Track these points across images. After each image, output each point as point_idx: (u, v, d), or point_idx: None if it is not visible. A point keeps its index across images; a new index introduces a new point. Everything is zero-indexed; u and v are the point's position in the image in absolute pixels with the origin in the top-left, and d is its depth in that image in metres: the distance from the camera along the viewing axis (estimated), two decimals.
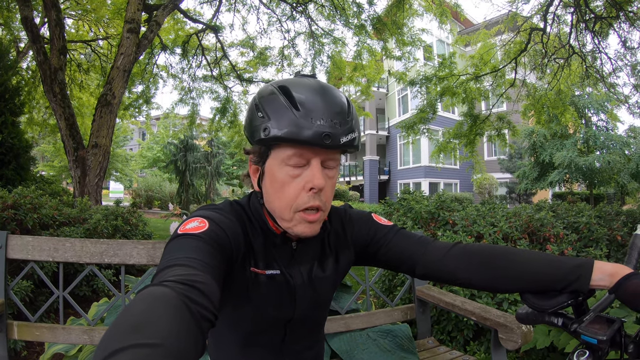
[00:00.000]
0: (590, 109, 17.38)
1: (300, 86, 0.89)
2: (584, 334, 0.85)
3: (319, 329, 1.17)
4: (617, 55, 7.62)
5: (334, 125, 0.85)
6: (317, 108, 0.86)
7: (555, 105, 8.87)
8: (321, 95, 0.88)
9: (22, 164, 6.75)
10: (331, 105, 0.87)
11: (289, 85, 0.89)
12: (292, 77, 0.97)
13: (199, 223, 0.85)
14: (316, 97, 0.87)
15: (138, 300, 0.56)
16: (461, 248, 1.02)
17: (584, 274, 0.85)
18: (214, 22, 10.40)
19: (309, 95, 0.87)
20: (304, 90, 0.88)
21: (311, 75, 0.97)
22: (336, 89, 0.95)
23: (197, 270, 0.69)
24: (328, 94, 0.89)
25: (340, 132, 0.86)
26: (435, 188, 25.04)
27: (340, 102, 0.90)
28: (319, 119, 0.84)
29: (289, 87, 0.88)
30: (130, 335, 0.48)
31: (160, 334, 0.49)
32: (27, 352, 2.87)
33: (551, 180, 17.91)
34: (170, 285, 0.61)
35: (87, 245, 1.88)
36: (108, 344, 0.46)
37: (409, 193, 4.27)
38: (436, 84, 9.40)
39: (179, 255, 0.73)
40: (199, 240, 0.79)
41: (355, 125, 0.91)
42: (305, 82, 0.92)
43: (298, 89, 0.88)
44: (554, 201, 5.56)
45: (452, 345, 2.78)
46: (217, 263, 0.77)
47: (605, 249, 3.07)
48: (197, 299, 0.61)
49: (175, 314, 0.55)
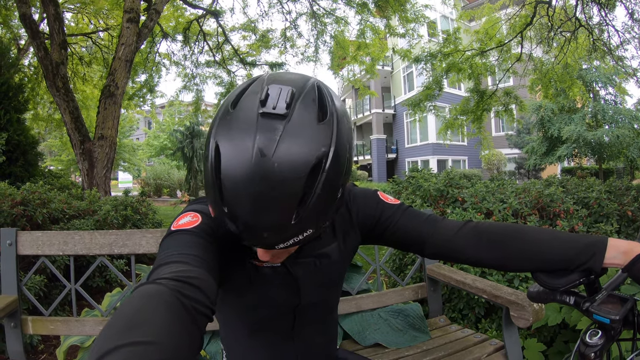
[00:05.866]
0: (598, 83, 17.08)
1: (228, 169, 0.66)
2: (596, 313, 0.84)
3: (331, 313, 1.16)
4: (625, 28, 7.44)
5: (265, 237, 0.70)
6: (243, 217, 0.68)
7: (563, 79, 8.74)
8: (248, 199, 0.66)
9: (30, 160, 6.78)
10: (262, 215, 0.67)
11: (222, 146, 0.67)
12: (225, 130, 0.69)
13: (192, 218, 0.84)
14: (241, 200, 0.66)
15: (132, 299, 0.56)
16: (471, 227, 1.00)
17: (597, 253, 0.83)
18: (214, 7, 10.30)
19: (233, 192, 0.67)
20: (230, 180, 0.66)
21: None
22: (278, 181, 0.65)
23: (191, 266, 0.69)
24: (259, 199, 0.65)
25: (276, 241, 0.71)
26: (443, 165, 24.95)
27: (276, 209, 0.67)
28: (246, 230, 0.69)
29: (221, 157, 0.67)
30: (124, 334, 0.48)
31: (154, 332, 0.49)
32: (44, 346, 2.92)
33: (560, 155, 17.75)
34: (164, 283, 0.61)
35: (96, 237, 1.89)
36: (102, 343, 0.47)
37: (417, 171, 4.25)
38: (441, 60, 9.29)
39: (173, 252, 0.73)
40: (192, 235, 0.79)
41: (312, 218, 0.70)
42: (240, 141, 0.66)
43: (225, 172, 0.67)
44: (563, 176, 5.51)
45: (464, 323, 2.79)
46: (212, 256, 0.77)
47: (616, 224, 3.04)
48: (191, 295, 0.61)
49: (169, 311, 0.55)
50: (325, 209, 0.72)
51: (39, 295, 2.83)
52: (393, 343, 2.06)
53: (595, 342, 0.83)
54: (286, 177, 0.64)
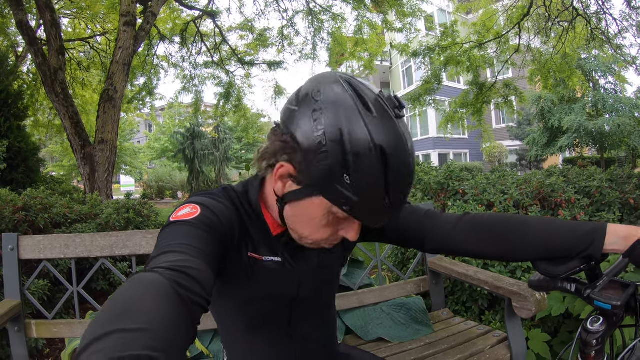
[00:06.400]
0: (597, 72, 17.01)
1: (398, 154, 0.73)
2: (597, 299, 0.83)
3: (328, 309, 1.15)
4: (623, 16, 7.42)
5: (402, 206, 0.79)
6: (402, 193, 0.76)
7: (562, 70, 8.72)
8: (408, 171, 0.76)
9: (31, 166, 6.80)
10: (409, 184, 0.77)
11: (387, 147, 0.72)
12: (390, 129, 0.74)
13: (191, 209, 0.83)
14: (406, 177, 0.75)
15: (127, 287, 0.56)
16: (470, 219, 0.99)
17: (596, 239, 0.83)
18: (210, 8, 10.30)
19: (401, 175, 0.74)
20: (400, 164, 0.74)
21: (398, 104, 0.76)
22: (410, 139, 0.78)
23: (189, 256, 0.68)
24: (412, 166, 0.77)
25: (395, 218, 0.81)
26: (444, 159, 24.89)
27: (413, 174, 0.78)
28: (397, 205, 0.77)
29: (387, 153, 0.72)
30: (116, 320, 0.47)
31: (147, 320, 0.49)
32: (50, 350, 2.93)
33: (561, 146, 17.72)
34: (160, 272, 0.60)
35: (97, 240, 1.88)
36: (95, 329, 0.46)
37: (417, 165, 4.23)
38: (439, 54, 9.30)
39: (171, 242, 0.73)
40: (190, 226, 0.78)
41: None
42: (402, 143, 0.74)
43: (395, 159, 0.73)
44: (565, 166, 5.50)
45: (467, 315, 2.78)
46: (210, 248, 0.76)
47: (618, 213, 3.03)
48: (187, 285, 0.60)
49: (164, 300, 0.55)
50: None
51: (43, 299, 2.83)
52: (396, 337, 2.06)
53: (597, 328, 0.82)
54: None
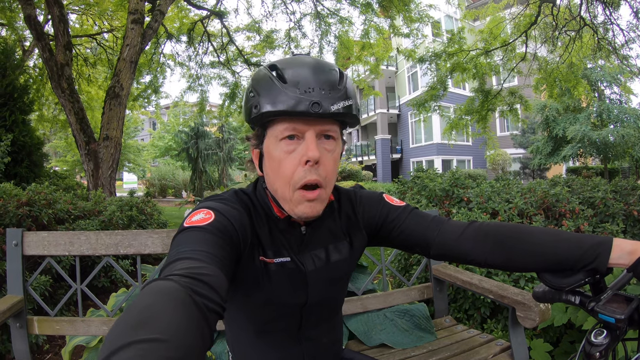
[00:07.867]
0: (603, 82, 17.03)
1: (289, 62, 0.92)
2: (601, 312, 0.83)
3: (337, 313, 1.16)
4: (630, 27, 7.42)
5: (322, 94, 0.85)
6: (305, 79, 0.86)
7: (568, 79, 8.72)
8: (309, 67, 0.89)
9: (35, 161, 6.81)
10: (319, 74, 0.88)
11: (278, 63, 0.92)
12: (285, 57, 1.02)
13: (205, 215, 0.84)
14: (304, 69, 0.88)
15: (143, 295, 0.56)
16: (476, 228, 1.00)
17: (602, 253, 0.83)
18: (218, 8, 10.33)
19: (297, 69, 0.89)
20: (292, 65, 0.90)
21: (306, 54, 0.99)
22: (327, 61, 0.97)
23: (203, 263, 0.69)
24: (316, 66, 0.90)
25: (330, 100, 0.86)
26: (448, 165, 24.88)
27: (329, 71, 0.90)
28: (307, 89, 0.85)
29: (277, 64, 0.91)
30: (134, 331, 0.47)
31: (164, 329, 0.49)
32: (50, 346, 2.93)
33: (564, 155, 17.68)
34: (176, 279, 0.60)
35: (102, 238, 1.89)
36: (113, 340, 0.46)
37: (422, 171, 4.23)
38: (446, 60, 9.30)
39: (185, 249, 0.73)
40: (205, 232, 0.79)
41: (350, 94, 0.90)
42: (295, 58, 0.94)
43: (286, 65, 0.91)
44: (569, 176, 5.49)
45: (470, 323, 2.78)
46: (224, 254, 0.77)
47: (622, 224, 3.02)
48: (203, 292, 0.60)
49: (180, 308, 0.54)
50: (355, 98, 0.92)
51: (45, 296, 2.84)
52: (399, 343, 2.06)
53: (601, 341, 0.82)
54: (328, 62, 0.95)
